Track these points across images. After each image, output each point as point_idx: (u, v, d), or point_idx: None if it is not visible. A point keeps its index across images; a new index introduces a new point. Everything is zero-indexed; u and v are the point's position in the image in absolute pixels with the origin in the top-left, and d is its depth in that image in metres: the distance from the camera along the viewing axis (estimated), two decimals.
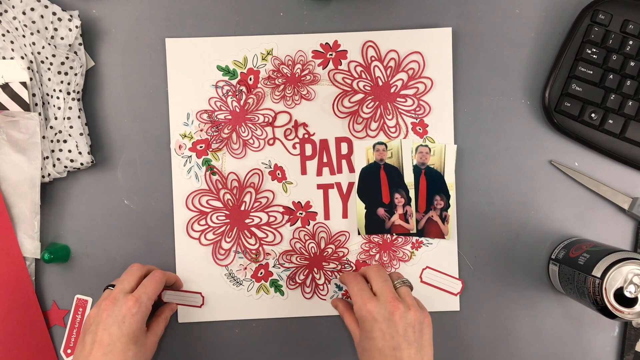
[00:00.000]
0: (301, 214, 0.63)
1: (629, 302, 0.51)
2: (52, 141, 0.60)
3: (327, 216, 0.63)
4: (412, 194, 0.62)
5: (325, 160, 0.63)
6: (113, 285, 0.56)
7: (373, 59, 0.62)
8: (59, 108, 0.60)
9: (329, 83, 0.63)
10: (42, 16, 0.59)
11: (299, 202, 0.63)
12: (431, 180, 0.62)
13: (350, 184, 0.63)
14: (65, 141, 0.61)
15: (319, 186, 0.63)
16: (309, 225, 0.63)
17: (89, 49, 0.62)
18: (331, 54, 0.62)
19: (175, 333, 0.63)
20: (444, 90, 0.62)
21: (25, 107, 0.60)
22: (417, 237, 0.63)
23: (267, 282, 0.63)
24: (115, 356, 0.51)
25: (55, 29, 0.59)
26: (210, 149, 0.62)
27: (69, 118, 0.60)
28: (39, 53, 0.59)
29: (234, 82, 0.62)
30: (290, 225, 0.63)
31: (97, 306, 0.54)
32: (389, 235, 0.63)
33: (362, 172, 0.63)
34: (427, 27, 0.63)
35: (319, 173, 0.63)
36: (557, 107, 0.61)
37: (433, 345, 0.62)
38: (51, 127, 0.60)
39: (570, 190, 0.63)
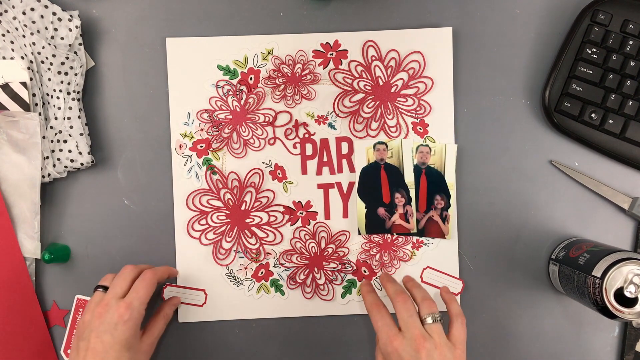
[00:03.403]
0: (302, 213, 0.63)
1: (629, 302, 0.51)
2: (52, 141, 0.60)
3: (327, 216, 0.63)
4: (412, 193, 0.62)
5: (325, 159, 0.63)
6: (102, 287, 0.56)
7: (373, 58, 0.62)
8: (59, 108, 0.60)
9: (329, 83, 0.63)
10: (42, 16, 0.59)
11: (299, 201, 0.63)
12: (432, 180, 0.62)
13: (351, 184, 0.63)
14: (65, 141, 0.60)
15: (320, 186, 0.63)
16: (309, 224, 0.63)
17: (89, 49, 0.62)
18: (332, 54, 0.62)
19: (175, 333, 0.63)
20: (445, 90, 0.62)
21: (25, 107, 0.59)
22: (418, 237, 0.63)
23: (267, 282, 0.63)
24: None
25: (55, 29, 0.59)
26: (211, 149, 0.62)
27: (69, 118, 0.60)
28: (39, 53, 0.59)
29: (235, 81, 0.62)
30: (291, 225, 0.63)
31: (90, 311, 0.54)
32: (389, 235, 0.63)
33: (363, 172, 0.63)
34: (428, 27, 0.63)
35: (319, 172, 0.63)
36: (557, 107, 0.61)
37: None
38: (51, 127, 0.60)
39: (570, 190, 0.63)
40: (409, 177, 0.62)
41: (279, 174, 0.63)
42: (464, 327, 0.55)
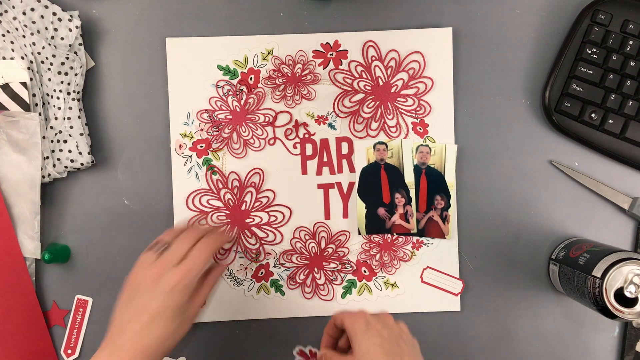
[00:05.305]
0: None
1: (629, 302, 0.51)
2: (52, 141, 0.60)
3: (327, 216, 0.63)
4: (412, 193, 0.62)
5: (325, 159, 0.63)
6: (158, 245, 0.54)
7: (373, 58, 0.62)
8: (59, 108, 0.60)
9: (329, 83, 0.63)
10: (42, 16, 0.59)
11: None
12: (432, 180, 0.62)
13: (351, 184, 0.63)
14: (65, 141, 0.60)
15: (320, 186, 0.63)
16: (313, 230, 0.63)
17: (89, 49, 0.62)
18: (332, 54, 0.62)
19: None
20: (445, 90, 0.62)
21: (26, 107, 0.59)
22: (418, 237, 0.63)
23: (267, 282, 0.63)
24: (160, 325, 0.50)
25: (56, 29, 0.59)
26: (211, 149, 0.62)
27: (69, 118, 0.60)
28: (39, 53, 0.59)
29: (235, 81, 0.62)
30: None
31: (141, 271, 0.52)
32: (389, 235, 0.63)
33: (363, 172, 0.63)
34: (428, 27, 0.63)
35: (319, 173, 0.63)
36: (557, 107, 0.61)
37: (434, 345, 0.62)
38: (51, 127, 0.60)
39: (570, 190, 0.63)
40: (409, 177, 0.62)
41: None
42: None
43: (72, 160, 0.60)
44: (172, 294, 0.51)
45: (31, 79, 0.60)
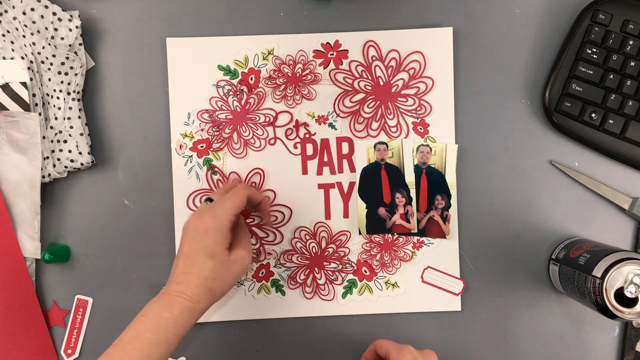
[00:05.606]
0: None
1: (629, 302, 0.51)
2: (52, 141, 0.60)
3: (328, 216, 0.63)
4: (413, 193, 0.62)
5: (326, 159, 0.63)
6: (211, 200, 0.57)
7: (374, 58, 0.62)
8: (59, 108, 0.60)
9: (330, 83, 0.63)
10: (42, 16, 0.59)
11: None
12: (432, 180, 0.62)
13: (351, 184, 0.63)
14: (65, 141, 0.60)
15: (320, 186, 0.63)
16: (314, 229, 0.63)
17: (89, 49, 0.62)
18: (332, 54, 0.62)
19: None
20: (445, 90, 0.63)
21: (26, 107, 0.59)
22: (418, 237, 0.63)
23: (268, 282, 0.63)
24: (195, 268, 0.52)
25: (56, 29, 0.59)
26: (211, 149, 0.62)
27: (69, 118, 0.60)
28: (39, 53, 0.59)
29: (235, 81, 0.62)
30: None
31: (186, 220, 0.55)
32: (390, 235, 0.63)
33: (363, 172, 0.63)
34: (428, 27, 0.63)
35: (320, 172, 0.63)
36: (557, 107, 0.61)
37: (434, 345, 0.63)
38: (51, 127, 0.60)
39: (570, 190, 0.63)
40: (410, 177, 0.62)
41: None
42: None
43: (72, 160, 0.60)
44: (200, 236, 0.53)
45: (31, 79, 0.59)
